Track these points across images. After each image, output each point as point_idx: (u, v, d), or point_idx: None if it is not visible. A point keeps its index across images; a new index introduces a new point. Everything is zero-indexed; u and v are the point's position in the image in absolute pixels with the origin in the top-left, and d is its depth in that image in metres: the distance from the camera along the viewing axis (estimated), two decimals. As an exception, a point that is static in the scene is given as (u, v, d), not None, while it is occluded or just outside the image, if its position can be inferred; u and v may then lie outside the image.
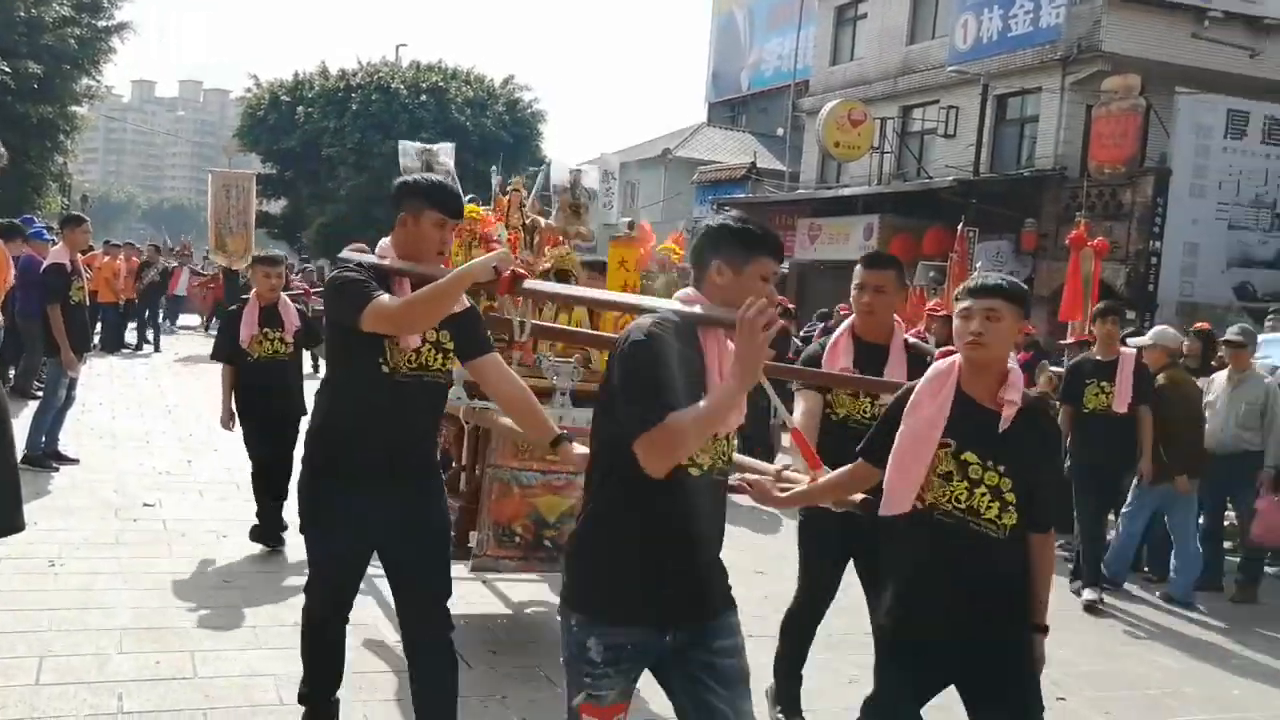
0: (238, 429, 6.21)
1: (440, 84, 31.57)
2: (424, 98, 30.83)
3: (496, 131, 30.50)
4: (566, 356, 4.68)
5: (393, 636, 4.72)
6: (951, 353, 3.49)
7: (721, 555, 2.56)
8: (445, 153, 5.52)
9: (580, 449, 3.02)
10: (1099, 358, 6.70)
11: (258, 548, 5.99)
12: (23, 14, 23.27)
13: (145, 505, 6.80)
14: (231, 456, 8.21)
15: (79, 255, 8.42)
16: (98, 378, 12.56)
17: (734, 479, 2.79)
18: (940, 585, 2.83)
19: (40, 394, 8.29)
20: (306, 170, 32.06)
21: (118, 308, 16.82)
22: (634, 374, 2.30)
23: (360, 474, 3.08)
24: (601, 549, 2.41)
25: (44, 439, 7.67)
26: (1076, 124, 16.41)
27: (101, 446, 8.63)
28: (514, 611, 5.39)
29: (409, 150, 5.36)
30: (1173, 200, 14.79)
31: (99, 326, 15.43)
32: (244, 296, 6.40)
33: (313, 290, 8.42)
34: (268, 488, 6.10)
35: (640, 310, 2.57)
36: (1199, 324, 9.36)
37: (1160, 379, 6.91)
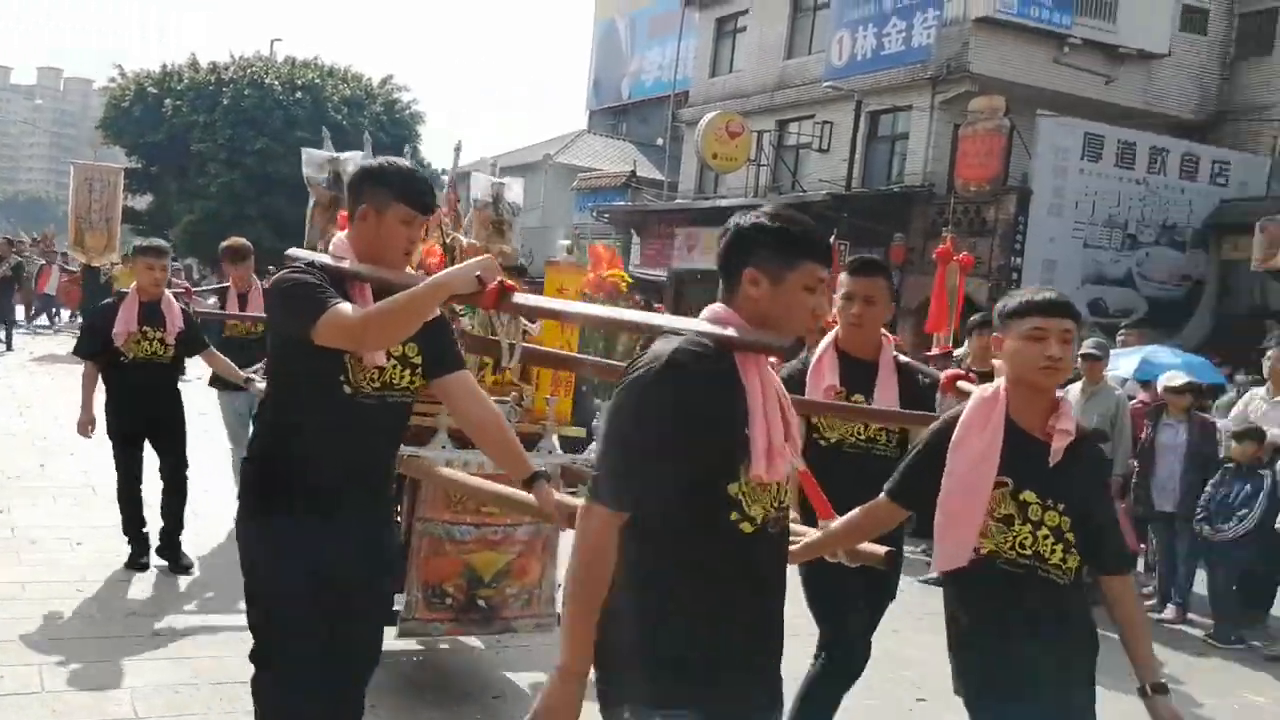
0: (100, 434, 5.67)
1: (316, 81, 30.86)
2: (299, 95, 30.06)
3: (374, 132, 29.91)
4: (501, 395, 4.20)
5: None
6: (961, 377, 3.23)
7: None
8: (354, 162, 4.73)
9: (561, 497, 2.68)
10: (975, 369, 6.93)
11: (114, 556, 5.69)
12: None
13: (-9, 511, 6.44)
14: (89, 459, 7.82)
15: (-79, 248, 7.94)
16: (-60, 378, 11.82)
17: None
18: (1020, 642, 2.52)
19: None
20: (174, 165, 30.93)
21: (-36, 304, 15.92)
22: (632, 421, 1.95)
23: (311, 503, 2.64)
24: (637, 622, 1.96)
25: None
26: (944, 142, 17.03)
27: (-57, 450, 8.14)
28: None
29: (314, 159, 4.82)
30: (1033, 219, 15.48)
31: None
32: (121, 291, 5.82)
33: (194, 290, 7.65)
34: (163, 512, 5.68)
35: (656, 331, 2.09)
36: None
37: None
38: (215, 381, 6.39)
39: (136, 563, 5.60)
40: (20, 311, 19.59)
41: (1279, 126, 16.85)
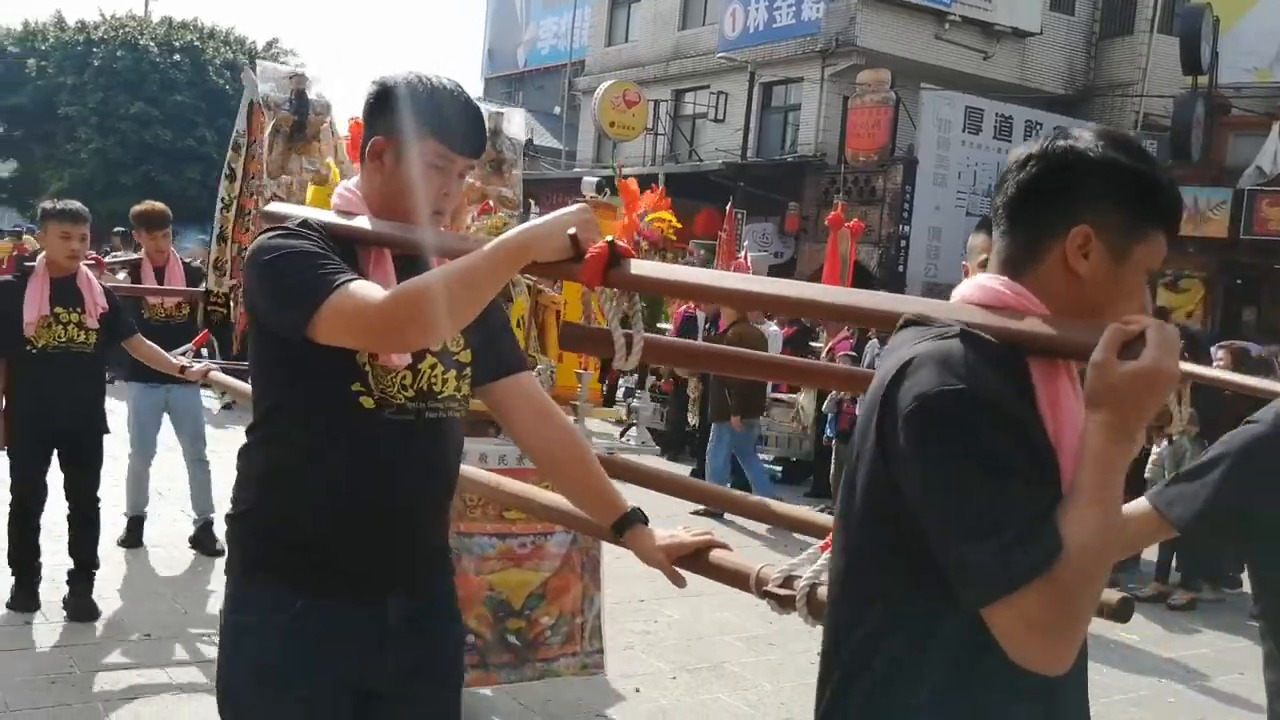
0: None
1: (196, 43, 29.68)
2: (178, 57, 28.89)
3: (259, 97, 29.04)
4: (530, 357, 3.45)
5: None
6: None
7: None
8: (318, 84, 4.30)
9: (666, 535, 1.84)
10: None
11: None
12: None
13: None
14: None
15: None
16: None
17: None
18: None
19: None
20: (40, 130, 29.41)
21: None
22: (964, 474, 1.19)
23: (331, 579, 1.79)
24: None
25: None
26: (835, 114, 17.44)
27: None
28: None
29: (271, 74, 4.12)
30: (919, 188, 16.03)
31: None
32: (30, 263, 4.80)
33: (106, 261, 6.31)
34: (72, 547, 4.62)
35: (883, 321, 1.41)
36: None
37: (730, 333, 8.19)
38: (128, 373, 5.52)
39: (26, 602, 4.51)
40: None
41: (1141, 102, 17.72)
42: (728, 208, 14.32)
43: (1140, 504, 1.94)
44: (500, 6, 33.03)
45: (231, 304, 7.44)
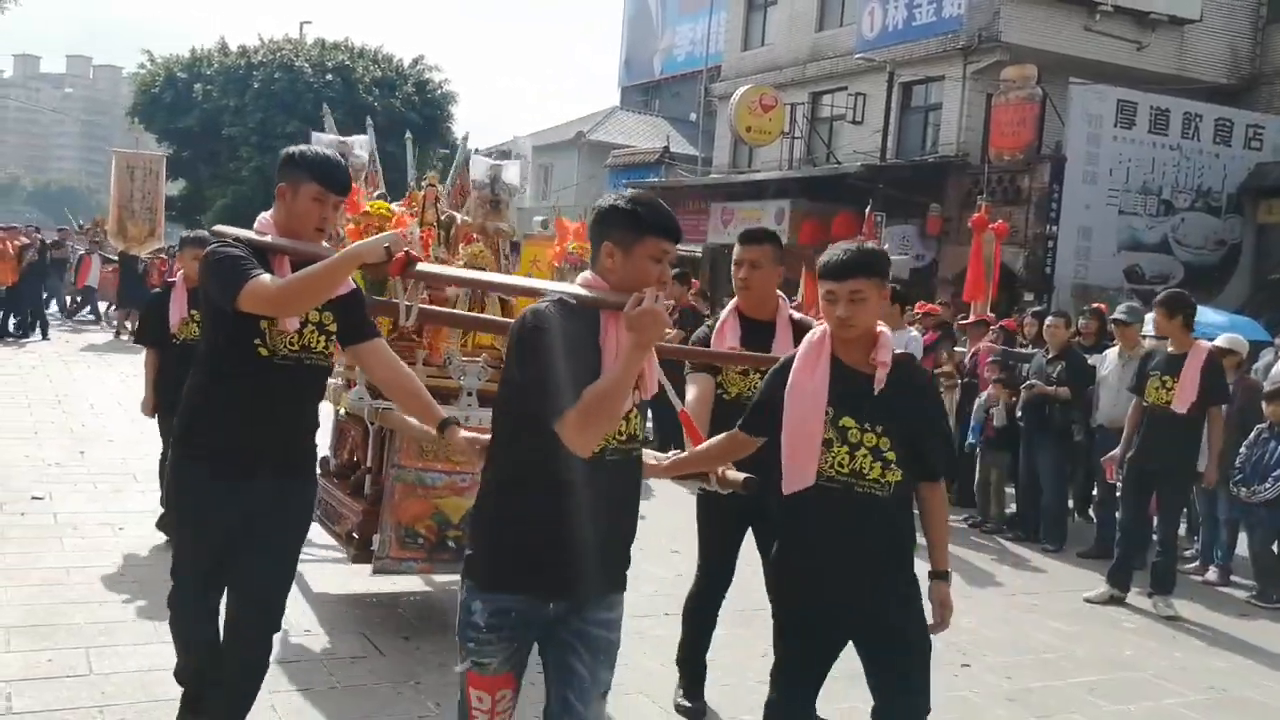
0: (135, 422, 5.96)
1: (347, 63, 30.89)
2: (330, 77, 30.11)
3: (405, 112, 29.94)
4: (474, 355, 4.63)
5: (301, 624, 4.66)
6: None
7: (636, 538, 2.62)
8: (360, 145, 5.42)
9: (466, 433, 2.96)
10: (1171, 350, 6.35)
11: (155, 539, 5.80)
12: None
13: (34, 498, 6.55)
14: (128, 447, 7.95)
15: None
16: (-17, 366, 12.00)
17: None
18: (832, 550, 2.86)
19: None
20: (206, 150, 31.09)
21: (-1, 293, 16.05)
22: (541, 356, 2.30)
23: (235, 463, 3.01)
24: (494, 518, 2.47)
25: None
26: (978, 112, 16.79)
27: (-12, 438, 8.26)
28: (433, 590, 5.36)
29: (322, 143, 5.10)
30: (1067, 186, 15.27)
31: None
32: (171, 280, 6.27)
33: None
34: None
35: (537, 294, 2.50)
36: (1094, 304, 9.75)
37: None
38: None
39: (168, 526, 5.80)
40: (54, 304, 19.60)
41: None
42: (867, 211, 13.96)
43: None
44: (637, 15, 33.21)
45: None
